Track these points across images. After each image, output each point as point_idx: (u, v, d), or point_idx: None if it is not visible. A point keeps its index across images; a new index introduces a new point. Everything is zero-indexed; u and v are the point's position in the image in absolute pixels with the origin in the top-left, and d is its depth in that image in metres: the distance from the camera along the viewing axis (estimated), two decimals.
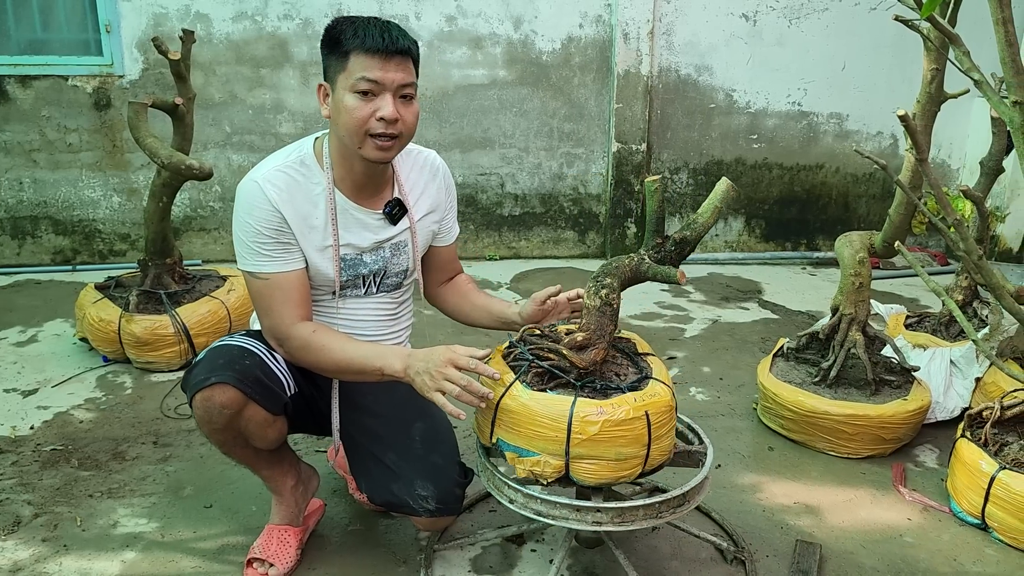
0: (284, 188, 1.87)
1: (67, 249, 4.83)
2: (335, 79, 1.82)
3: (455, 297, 2.27)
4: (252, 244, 1.87)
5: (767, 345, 3.68)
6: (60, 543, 2.18)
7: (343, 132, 1.84)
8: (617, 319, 1.82)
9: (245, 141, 4.80)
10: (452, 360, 1.73)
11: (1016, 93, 1.48)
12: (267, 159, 1.94)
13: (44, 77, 4.53)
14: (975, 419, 2.47)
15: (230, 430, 1.88)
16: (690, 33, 4.93)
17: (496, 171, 5.07)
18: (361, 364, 1.86)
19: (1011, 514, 2.19)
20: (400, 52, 1.79)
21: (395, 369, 1.81)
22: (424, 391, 1.76)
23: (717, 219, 1.86)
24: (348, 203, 1.95)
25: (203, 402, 1.84)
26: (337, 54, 1.80)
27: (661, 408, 1.73)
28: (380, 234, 2.00)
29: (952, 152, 5.27)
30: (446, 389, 1.72)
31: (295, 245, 1.90)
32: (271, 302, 1.90)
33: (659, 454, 1.77)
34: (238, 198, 1.89)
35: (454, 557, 2.14)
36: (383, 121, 1.81)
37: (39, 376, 3.26)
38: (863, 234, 2.86)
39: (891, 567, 2.15)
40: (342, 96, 1.80)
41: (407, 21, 4.70)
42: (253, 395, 1.84)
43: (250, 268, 1.90)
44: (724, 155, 5.17)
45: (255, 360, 1.89)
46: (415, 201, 2.07)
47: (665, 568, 2.11)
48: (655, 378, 1.81)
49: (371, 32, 1.78)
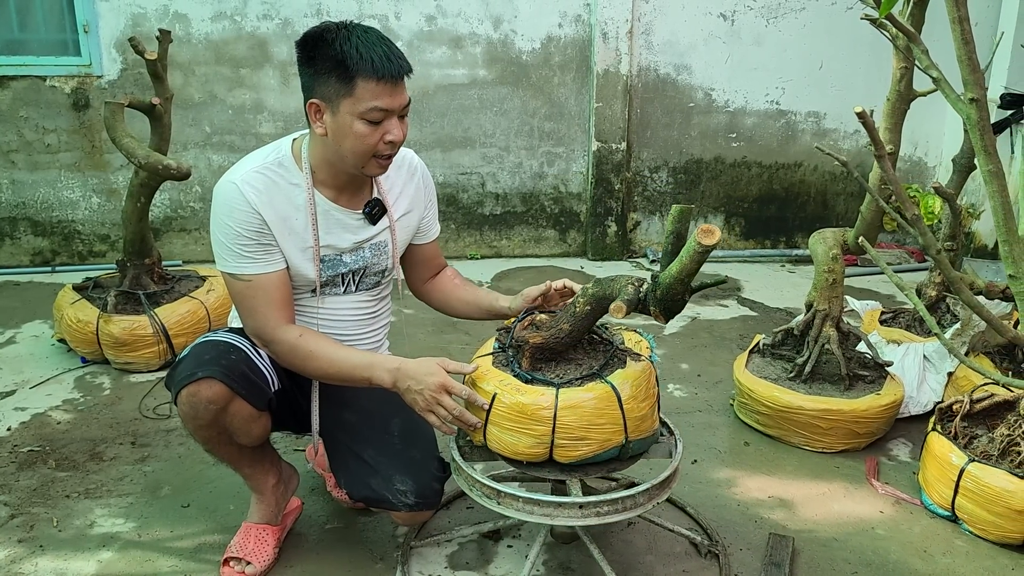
0: (263, 189, 1.87)
1: (46, 250, 4.80)
2: (337, 102, 1.77)
3: (443, 292, 2.29)
4: (232, 246, 1.87)
5: (745, 342, 3.71)
6: (36, 543, 2.18)
7: (347, 154, 1.83)
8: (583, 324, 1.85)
9: (225, 141, 4.79)
10: (445, 386, 1.76)
11: (972, 90, 1.51)
12: (244, 160, 1.93)
13: (22, 78, 4.50)
14: (946, 413, 2.51)
15: (215, 426, 1.89)
16: (669, 32, 4.96)
17: (477, 170, 5.08)
18: (349, 373, 1.88)
19: (980, 506, 2.23)
20: (405, 75, 1.80)
21: (383, 382, 1.83)
22: (415, 408, 1.81)
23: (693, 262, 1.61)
24: (328, 204, 1.95)
25: (189, 397, 1.84)
26: (339, 75, 1.75)
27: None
28: (360, 234, 2.01)
29: (928, 150, 5.33)
30: (439, 415, 1.77)
31: (275, 246, 1.89)
32: (254, 303, 1.90)
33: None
34: (216, 200, 1.88)
35: (431, 554, 2.15)
36: (391, 144, 1.83)
37: (17, 377, 3.24)
38: (836, 231, 2.90)
39: (862, 559, 2.18)
40: (349, 122, 1.78)
41: (387, 21, 4.71)
42: (239, 390, 1.85)
43: (231, 270, 1.89)
44: (703, 154, 5.21)
45: (241, 355, 1.89)
46: (394, 201, 2.07)
47: (640, 562, 2.13)
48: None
49: (377, 54, 1.74)
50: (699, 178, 5.24)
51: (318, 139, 1.88)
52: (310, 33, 1.81)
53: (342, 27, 1.78)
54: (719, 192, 5.28)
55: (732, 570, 2.09)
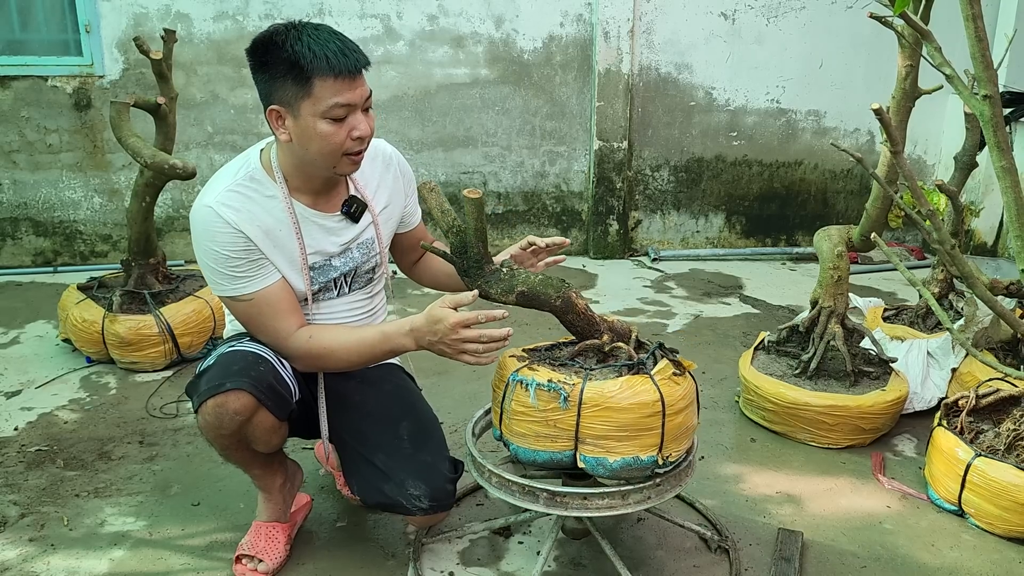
0: (240, 207, 1.83)
1: (48, 250, 4.80)
2: (296, 104, 1.73)
3: (432, 269, 2.30)
4: (223, 270, 1.84)
5: (748, 339, 3.73)
6: (47, 542, 2.18)
7: (315, 156, 1.80)
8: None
9: (227, 141, 4.79)
10: (459, 323, 1.73)
11: (986, 87, 1.52)
12: (213, 180, 1.89)
13: (23, 78, 4.50)
14: (951, 408, 2.53)
15: (236, 435, 1.87)
16: (670, 31, 4.98)
17: (479, 170, 5.09)
18: (370, 353, 1.88)
19: (987, 500, 2.24)
20: (363, 68, 1.77)
21: (406, 347, 1.84)
22: (446, 357, 1.80)
23: None
24: (307, 211, 1.92)
25: (216, 408, 1.81)
26: (295, 77, 1.71)
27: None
28: (344, 236, 1.99)
29: (928, 148, 5.35)
30: (469, 351, 1.75)
31: (266, 259, 1.87)
32: (262, 320, 1.89)
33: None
34: (195, 227, 1.84)
35: (442, 550, 2.16)
36: (359, 140, 1.80)
37: (22, 377, 3.24)
38: (841, 228, 2.91)
39: (871, 553, 2.19)
40: (312, 123, 1.74)
41: (389, 20, 4.71)
42: (266, 402, 1.83)
43: (230, 293, 1.87)
44: (704, 152, 5.22)
45: (268, 367, 1.86)
46: (373, 194, 2.04)
47: (650, 558, 2.14)
48: None
49: (331, 50, 1.70)
50: (700, 177, 5.26)
51: (284, 146, 1.84)
52: (259, 39, 1.77)
53: (291, 27, 1.75)
54: (720, 191, 5.30)
55: (742, 565, 2.11)
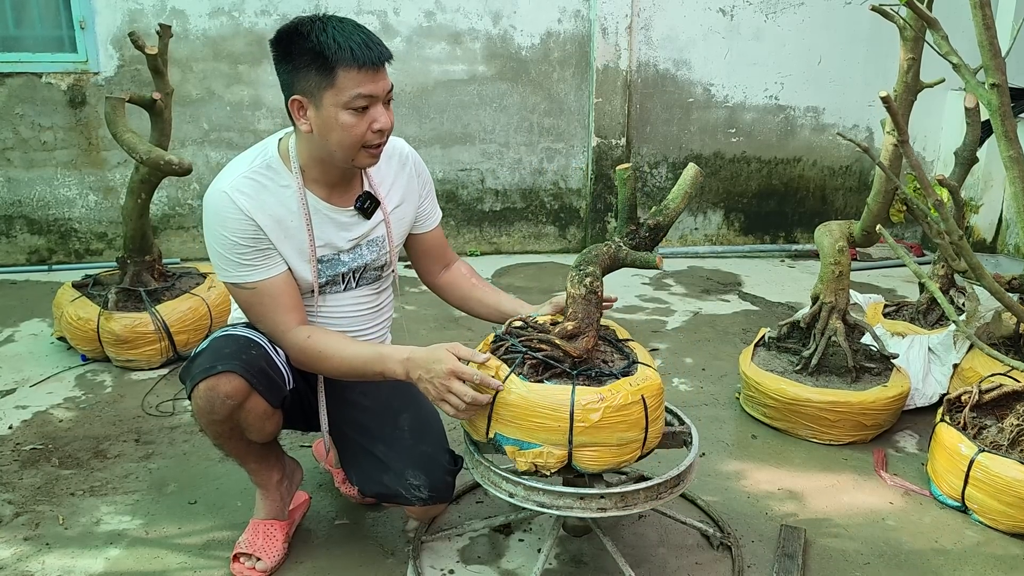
0: (254, 195, 1.83)
1: (43, 249, 4.77)
2: (319, 95, 1.75)
3: (461, 290, 2.26)
4: (231, 256, 1.84)
5: (748, 336, 3.71)
6: (42, 541, 2.16)
7: (335, 148, 1.80)
8: (601, 306, 1.83)
9: (223, 138, 4.76)
10: (455, 372, 1.70)
11: (994, 76, 1.50)
12: (230, 166, 1.89)
13: (17, 74, 4.46)
14: (954, 404, 2.51)
15: (229, 421, 1.86)
16: (668, 27, 4.96)
17: (476, 166, 5.06)
18: (361, 369, 1.86)
19: (990, 495, 2.23)
20: (386, 61, 1.77)
21: (396, 374, 1.80)
22: (428, 397, 1.77)
23: (687, 204, 1.89)
24: (320, 203, 1.92)
25: (207, 391, 1.81)
26: (319, 68, 1.72)
27: (655, 391, 1.77)
28: (355, 231, 1.98)
29: (927, 144, 5.34)
30: (451, 403, 1.72)
31: (274, 250, 1.87)
32: (262, 310, 1.89)
33: (655, 436, 1.80)
34: (207, 210, 1.84)
35: (442, 548, 2.14)
36: (380, 132, 1.80)
37: (16, 376, 3.21)
38: (842, 223, 2.90)
39: (874, 550, 2.17)
40: (335, 114, 1.75)
41: (386, 16, 4.68)
42: (258, 386, 1.82)
43: (233, 280, 1.87)
44: (703, 149, 5.20)
45: (260, 351, 1.86)
46: (386, 192, 2.04)
47: (652, 555, 2.13)
48: (642, 362, 1.82)
49: (355, 42, 1.72)
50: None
51: (304, 136, 1.84)
52: (284, 29, 1.78)
53: (316, 19, 1.76)
54: (719, 187, 5.28)
55: (745, 562, 2.09)
